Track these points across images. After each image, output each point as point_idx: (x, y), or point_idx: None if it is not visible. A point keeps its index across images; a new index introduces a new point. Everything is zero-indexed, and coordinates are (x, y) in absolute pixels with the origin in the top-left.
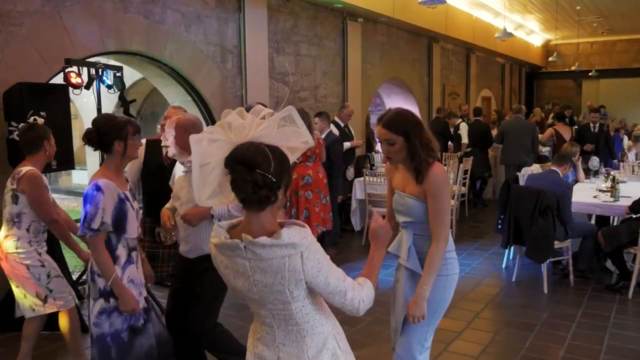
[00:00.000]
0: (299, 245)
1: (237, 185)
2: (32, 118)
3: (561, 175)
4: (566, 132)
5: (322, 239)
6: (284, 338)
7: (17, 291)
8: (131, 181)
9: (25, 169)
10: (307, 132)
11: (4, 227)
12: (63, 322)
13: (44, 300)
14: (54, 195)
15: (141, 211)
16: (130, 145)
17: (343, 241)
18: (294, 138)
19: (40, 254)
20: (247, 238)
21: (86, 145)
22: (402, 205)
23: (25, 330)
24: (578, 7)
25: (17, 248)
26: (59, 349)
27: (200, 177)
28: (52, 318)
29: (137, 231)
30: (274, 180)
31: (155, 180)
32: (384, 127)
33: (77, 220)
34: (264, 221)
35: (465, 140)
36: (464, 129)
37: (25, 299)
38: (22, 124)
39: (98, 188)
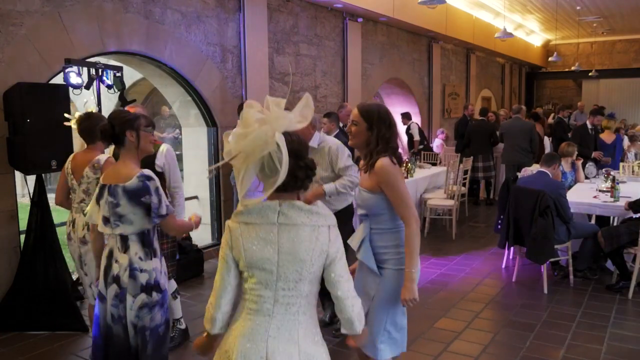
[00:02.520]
0: (329, 219)
1: (291, 174)
2: (85, 107)
3: (551, 176)
4: (540, 132)
5: None
6: (276, 331)
7: (81, 272)
8: None
9: (103, 157)
10: (311, 116)
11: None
12: None
13: None
14: (53, 195)
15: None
16: (142, 137)
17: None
18: (294, 120)
19: None
20: (284, 202)
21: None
22: (358, 199)
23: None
24: (578, 7)
25: (84, 228)
26: (59, 349)
27: (252, 173)
28: (53, 318)
29: None
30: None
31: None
32: (357, 108)
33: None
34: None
35: (417, 137)
36: (414, 129)
37: (89, 288)
38: (78, 113)
39: (149, 178)
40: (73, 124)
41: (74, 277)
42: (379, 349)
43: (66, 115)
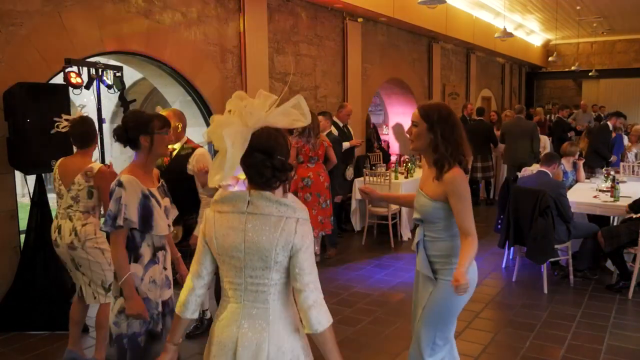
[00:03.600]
0: (298, 212)
1: (257, 170)
2: (80, 110)
3: (551, 176)
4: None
5: (321, 242)
6: (247, 318)
7: (83, 279)
8: None
9: (96, 165)
10: (309, 115)
11: (80, 216)
12: (104, 314)
13: (107, 289)
14: (53, 195)
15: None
16: (157, 140)
17: (343, 241)
18: (293, 117)
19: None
20: (255, 192)
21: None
22: (417, 202)
23: (97, 318)
24: (578, 7)
25: (96, 233)
26: (59, 349)
27: (231, 165)
28: (53, 318)
29: (167, 229)
30: (289, 162)
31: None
32: (417, 109)
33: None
34: None
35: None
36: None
37: (89, 287)
38: (70, 117)
39: (119, 184)
40: (62, 128)
41: None
42: None
43: (56, 119)
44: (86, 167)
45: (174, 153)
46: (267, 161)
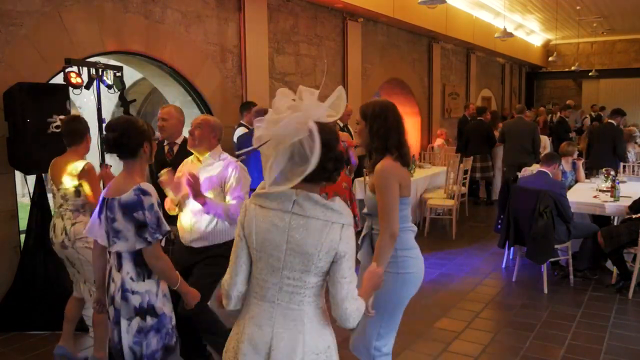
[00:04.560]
0: (344, 217)
1: (320, 165)
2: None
3: (551, 176)
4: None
5: None
6: (282, 318)
7: (78, 276)
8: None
9: (80, 164)
10: (342, 110)
11: (70, 215)
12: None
13: None
14: (49, 196)
15: None
16: (154, 147)
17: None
18: (328, 116)
19: None
20: (302, 192)
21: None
22: (365, 197)
23: (93, 316)
24: (578, 7)
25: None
26: None
27: (281, 160)
28: (53, 318)
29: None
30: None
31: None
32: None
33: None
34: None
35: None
36: None
37: (84, 284)
38: (63, 116)
39: (144, 192)
40: (56, 128)
41: None
42: (373, 356)
43: (49, 120)
44: (71, 166)
45: (175, 148)
46: (330, 153)
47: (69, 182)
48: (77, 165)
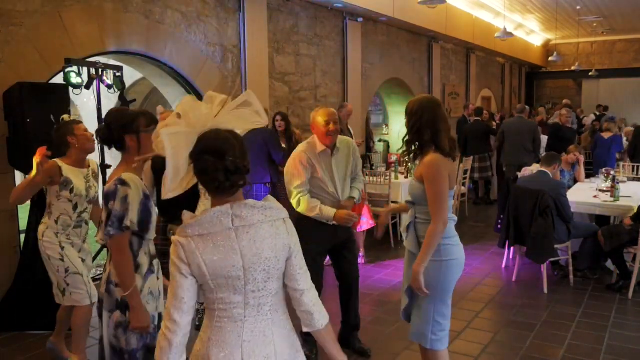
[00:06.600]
0: (282, 212)
1: (208, 174)
2: (62, 117)
3: (551, 176)
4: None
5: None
6: (250, 334)
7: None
8: (147, 181)
9: (48, 161)
10: (263, 112)
11: (44, 215)
12: (74, 316)
13: (63, 293)
14: None
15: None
16: (144, 139)
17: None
18: (249, 120)
19: (63, 248)
20: (233, 203)
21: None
22: (410, 186)
23: (75, 319)
24: (578, 7)
25: (43, 236)
26: None
27: (175, 171)
28: (53, 318)
29: (154, 234)
30: (244, 164)
31: None
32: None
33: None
34: None
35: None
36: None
37: (56, 287)
38: (67, 117)
39: (123, 182)
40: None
41: None
42: (430, 340)
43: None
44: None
45: None
46: (218, 164)
47: (47, 188)
48: (43, 163)
